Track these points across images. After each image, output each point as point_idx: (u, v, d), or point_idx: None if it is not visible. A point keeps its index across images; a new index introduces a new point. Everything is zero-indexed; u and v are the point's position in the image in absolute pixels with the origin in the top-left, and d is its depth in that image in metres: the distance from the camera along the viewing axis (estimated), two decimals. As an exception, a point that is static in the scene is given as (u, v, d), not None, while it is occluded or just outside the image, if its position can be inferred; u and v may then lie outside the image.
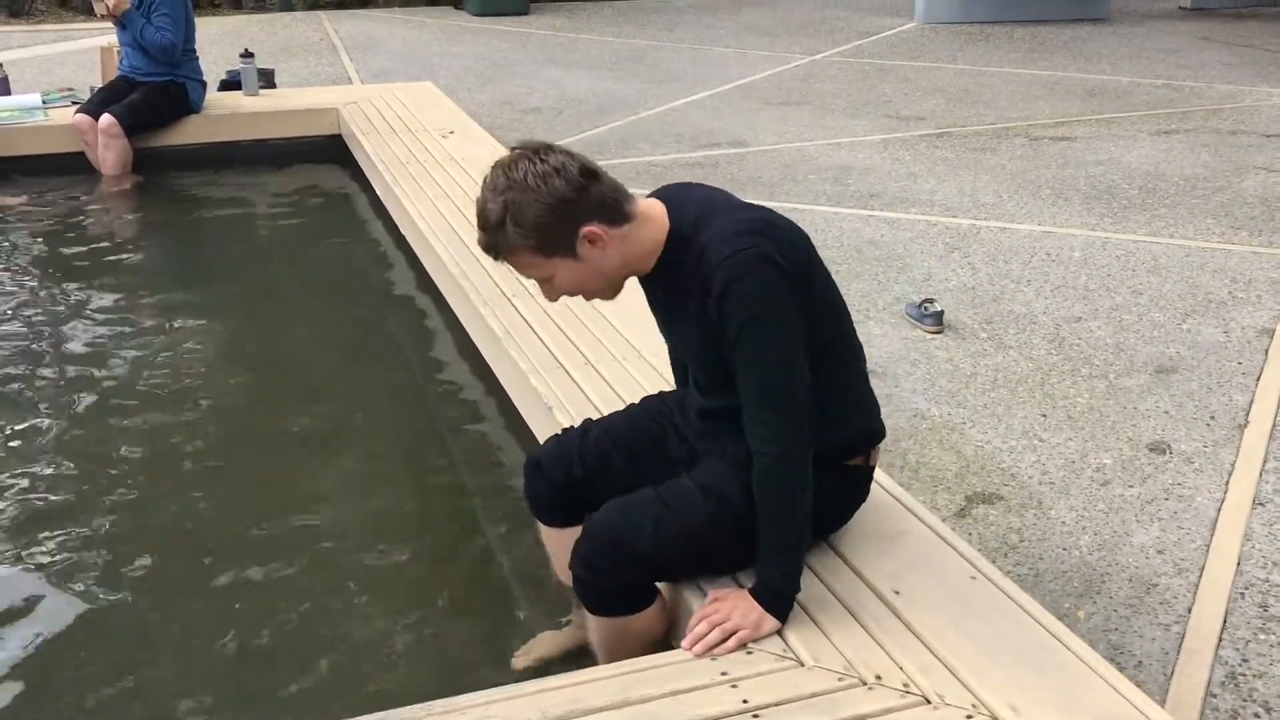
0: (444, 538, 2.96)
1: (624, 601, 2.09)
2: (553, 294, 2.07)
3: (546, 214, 1.94)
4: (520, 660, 2.42)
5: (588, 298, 2.10)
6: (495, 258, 2.00)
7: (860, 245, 4.77)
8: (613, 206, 2.00)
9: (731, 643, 1.99)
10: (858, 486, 2.23)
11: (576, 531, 2.35)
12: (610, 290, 2.09)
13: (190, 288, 4.51)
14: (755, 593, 2.04)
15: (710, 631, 2.00)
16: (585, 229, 1.97)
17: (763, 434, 2.00)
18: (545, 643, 2.46)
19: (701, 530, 2.08)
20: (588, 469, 2.30)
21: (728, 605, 2.03)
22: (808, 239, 2.08)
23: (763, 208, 2.08)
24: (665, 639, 2.18)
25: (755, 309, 1.94)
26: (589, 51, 9.32)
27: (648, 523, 2.05)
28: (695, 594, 2.13)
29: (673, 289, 2.07)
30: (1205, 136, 6.76)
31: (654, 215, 2.07)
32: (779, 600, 2.03)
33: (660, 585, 2.17)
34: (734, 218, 2.02)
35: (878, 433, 2.22)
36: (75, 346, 3.95)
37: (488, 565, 2.83)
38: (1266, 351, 3.87)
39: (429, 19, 10.85)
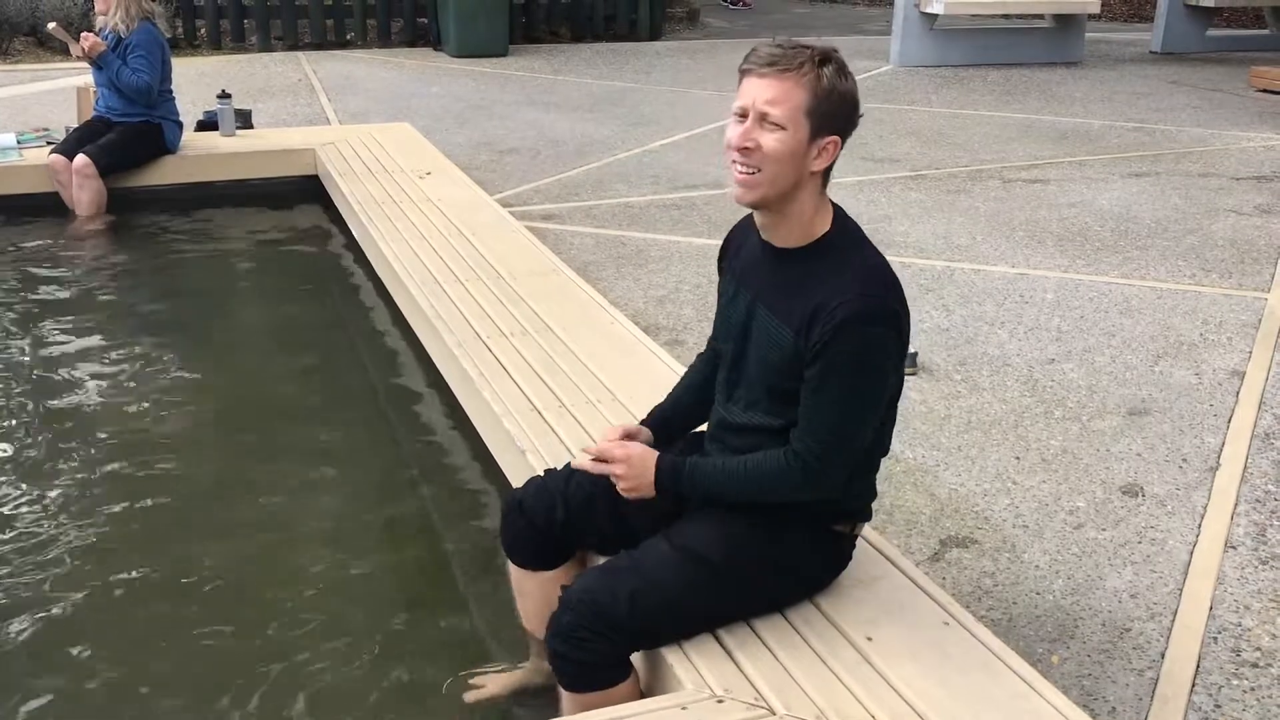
0: (412, 580, 2.94)
1: (601, 675, 2.07)
2: (750, 138, 1.98)
3: (845, 97, 1.99)
4: (471, 695, 2.40)
5: (756, 179, 2.00)
6: (772, 64, 1.95)
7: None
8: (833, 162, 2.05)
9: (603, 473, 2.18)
10: (840, 552, 2.24)
11: (547, 576, 2.35)
12: (772, 188, 2.00)
13: (164, 328, 4.48)
14: (671, 467, 2.14)
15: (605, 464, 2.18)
16: (832, 138, 2.00)
17: (807, 457, 2.03)
18: (496, 681, 2.44)
19: (680, 595, 2.07)
20: (570, 511, 2.28)
21: (628, 460, 2.16)
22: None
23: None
24: None
25: (865, 355, 1.97)
26: (567, 93, 9.37)
27: (625, 593, 2.03)
28: (675, 655, 2.10)
29: (793, 281, 2.06)
30: (1176, 179, 6.84)
31: (826, 209, 2.09)
32: (674, 485, 2.14)
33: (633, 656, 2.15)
34: (884, 266, 2.06)
35: (869, 511, 2.26)
36: (47, 386, 3.92)
37: (456, 609, 2.81)
38: (1238, 394, 3.90)
39: (408, 60, 10.89)
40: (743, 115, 1.99)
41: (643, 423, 2.38)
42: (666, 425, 2.37)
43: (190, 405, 3.85)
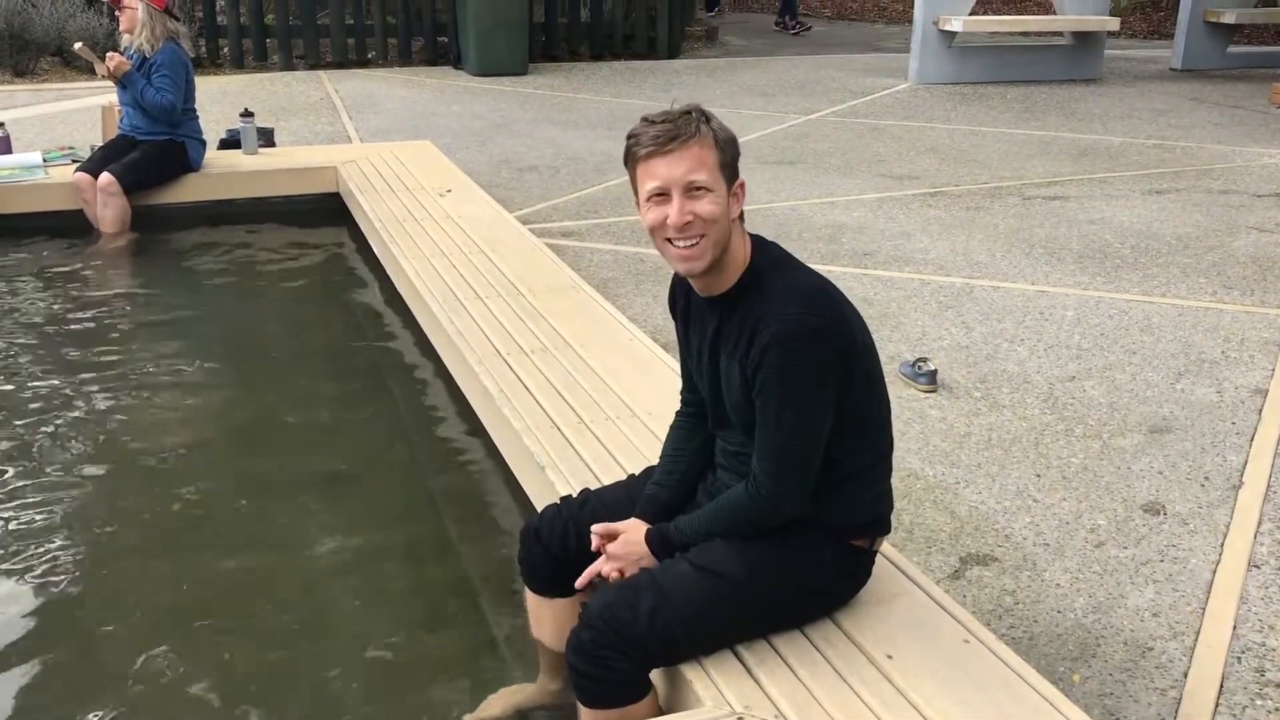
0: (429, 597, 2.94)
1: (620, 693, 2.07)
2: (687, 212, 2.01)
3: (735, 141, 2.09)
4: (472, 717, 2.41)
5: (702, 246, 2.03)
6: (674, 138, 2.01)
7: (854, 304, 4.77)
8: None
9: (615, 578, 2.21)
10: (859, 566, 2.24)
11: (563, 603, 2.36)
12: (716, 249, 2.05)
13: (186, 345, 4.51)
14: (658, 534, 2.19)
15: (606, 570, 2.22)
16: (740, 181, 2.09)
17: (763, 481, 2.08)
18: (502, 699, 2.45)
19: (700, 613, 2.08)
20: (582, 539, 2.29)
21: (621, 553, 2.21)
22: (862, 321, 2.16)
23: (826, 279, 2.15)
24: None
25: (791, 373, 2.01)
26: (586, 111, 9.41)
27: (645, 610, 2.04)
28: (695, 672, 2.11)
29: (733, 320, 2.11)
30: (1197, 196, 6.81)
31: (747, 242, 2.14)
32: (666, 552, 2.18)
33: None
34: (804, 277, 2.12)
35: (886, 524, 2.26)
36: (71, 402, 3.95)
37: (472, 626, 2.81)
38: (1260, 411, 3.88)
39: (428, 79, 10.97)
40: (662, 195, 2.02)
41: (640, 514, 2.31)
42: (667, 509, 2.32)
43: (211, 421, 3.87)
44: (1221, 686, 2.50)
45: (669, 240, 2.05)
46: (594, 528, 2.26)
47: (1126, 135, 8.67)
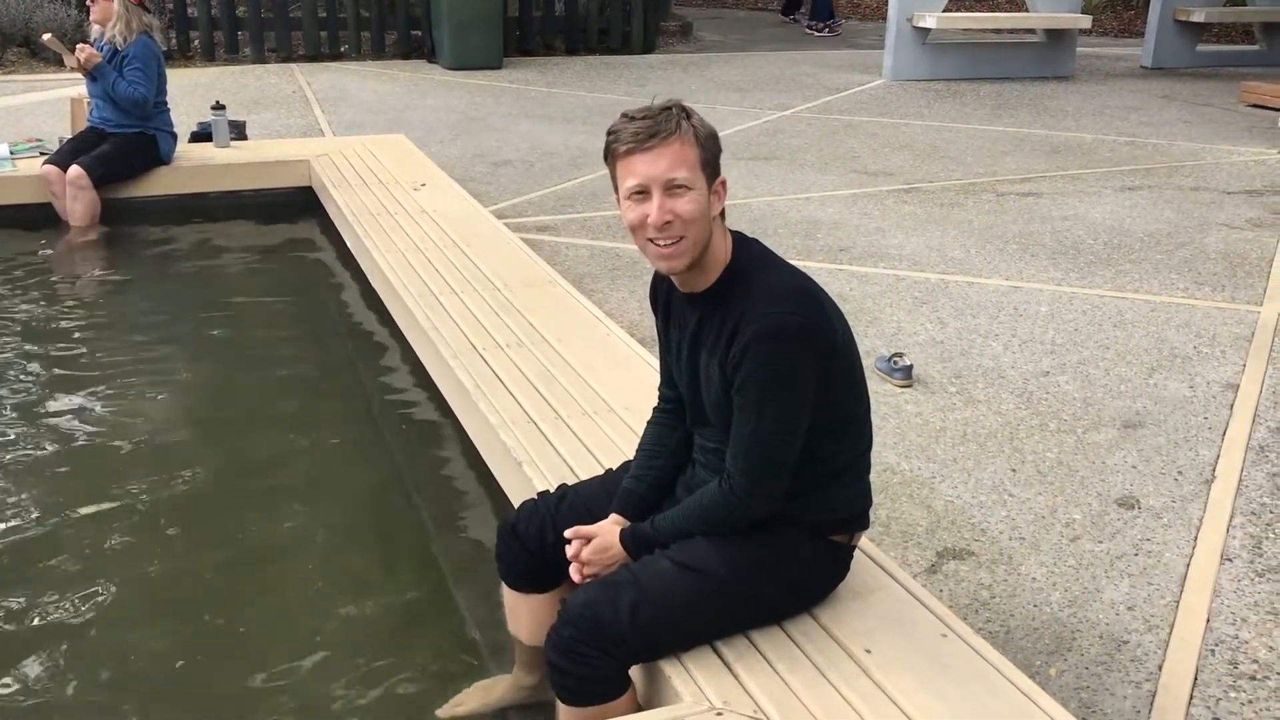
0: (405, 593, 2.92)
1: (600, 689, 2.06)
2: (667, 211, 1.99)
3: (716, 137, 2.07)
4: (446, 711, 2.40)
5: (682, 245, 2.02)
6: (654, 135, 1.98)
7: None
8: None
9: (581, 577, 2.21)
10: (838, 562, 2.24)
11: (540, 599, 2.35)
12: (696, 248, 2.03)
13: (157, 340, 4.47)
14: (632, 533, 2.18)
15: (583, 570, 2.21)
16: (720, 179, 2.07)
17: (738, 479, 2.08)
18: (477, 694, 2.44)
19: (681, 609, 2.08)
20: (559, 534, 2.28)
21: (596, 559, 2.19)
22: (843, 318, 2.14)
23: (809, 277, 2.13)
24: None
25: (772, 372, 2.00)
26: (561, 105, 9.38)
27: (626, 606, 2.03)
28: (674, 667, 2.10)
29: (714, 318, 2.10)
30: (1168, 193, 6.87)
31: (728, 240, 2.13)
32: (641, 551, 2.17)
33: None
34: (786, 275, 2.10)
35: (865, 519, 2.26)
36: (39, 398, 3.90)
37: (450, 622, 2.80)
38: (1232, 406, 3.91)
39: (402, 72, 10.90)
40: (642, 193, 2.01)
41: (616, 508, 2.30)
42: (643, 504, 2.30)
43: (183, 417, 3.83)
44: (1196, 679, 2.52)
45: (649, 239, 2.03)
46: (567, 532, 2.24)
47: (1098, 132, 8.72)
